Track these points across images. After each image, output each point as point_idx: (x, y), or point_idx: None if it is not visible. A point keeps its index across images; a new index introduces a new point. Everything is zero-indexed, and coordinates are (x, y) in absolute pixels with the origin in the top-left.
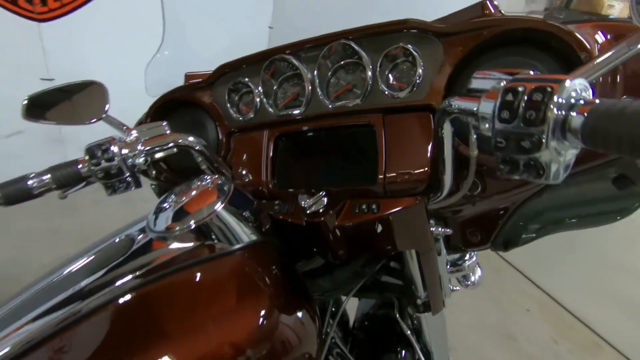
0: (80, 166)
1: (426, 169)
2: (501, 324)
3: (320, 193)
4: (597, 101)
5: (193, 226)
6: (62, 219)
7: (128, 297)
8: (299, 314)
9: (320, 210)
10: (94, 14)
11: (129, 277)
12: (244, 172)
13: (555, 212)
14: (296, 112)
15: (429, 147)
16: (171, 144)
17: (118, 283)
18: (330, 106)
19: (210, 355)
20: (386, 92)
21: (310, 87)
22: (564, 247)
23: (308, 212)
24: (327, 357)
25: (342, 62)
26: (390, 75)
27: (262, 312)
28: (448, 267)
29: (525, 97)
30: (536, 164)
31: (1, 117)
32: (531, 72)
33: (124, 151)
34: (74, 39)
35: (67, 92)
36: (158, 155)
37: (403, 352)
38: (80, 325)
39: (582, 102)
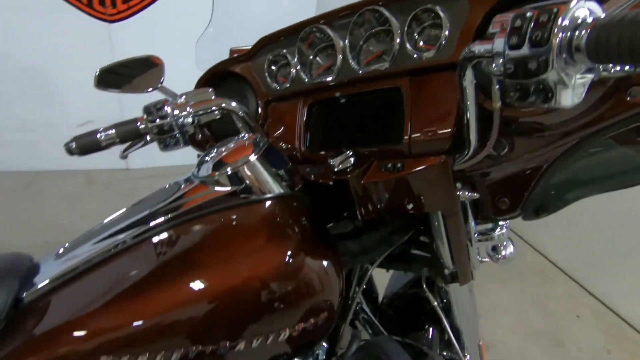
0: (139, 123)
1: (450, 127)
2: (548, 329)
3: (347, 152)
4: (602, 16)
5: (229, 172)
6: None
7: (172, 230)
8: (324, 263)
9: (348, 169)
10: (158, 14)
11: (174, 213)
12: (279, 138)
13: (587, 172)
14: (328, 79)
15: (454, 106)
16: (215, 108)
17: (163, 219)
18: (360, 72)
19: (239, 285)
20: (414, 55)
21: (342, 55)
22: (617, 251)
23: (336, 170)
24: (353, 323)
25: (372, 30)
26: (417, 37)
27: (288, 253)
28: (476, 235)
29: (533, 21)
30: (545, 87)
31: (75, 109)
32: None
33: (175, 111)
34: (139, 38)
35: (131, 65)
36: (204, 117)
37: (431, 329)
38: (132, 252)
39: (587, 20)
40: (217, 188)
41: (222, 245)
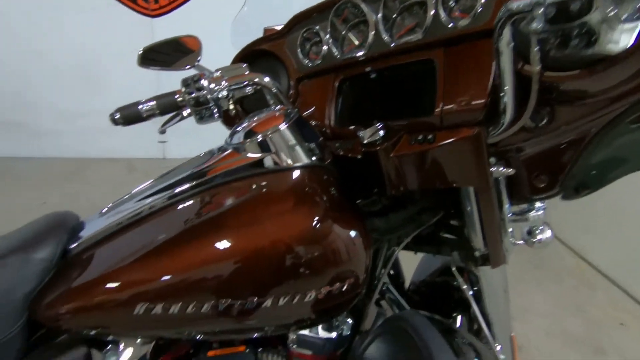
0: (177, 96)
1: (484, 97)
2: (588, 335)
3: (377, 124)
4: None
5: (259, 139)
6: None
7: (205, 193)
8: (352, 234)
9: (377, 142)
10: (198, 8)
11: (207, 177)
12: (309, 115)
13: (634, 145)
14: (360, 54)
15: (489, 75)
16: (249, 82)
17: (197, 182)
18: (392, 45)
19: (267, 245)
20: (449, 24)
21: (374, 29)
22: None
23: (365, 142)
24: (379, 303)
25: (406, 3)
26: (453, 5)
27: (316, 219)
28: (509, 215)
29: None
30: (588, 29)
31: (118, 99)
32: None
33: (212, 85)
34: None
35: (171, 45)
36: (238, 92)
37: (460, 317)
38: (168, 211)
39: None
40: (248, 155)
41: (251, 208)
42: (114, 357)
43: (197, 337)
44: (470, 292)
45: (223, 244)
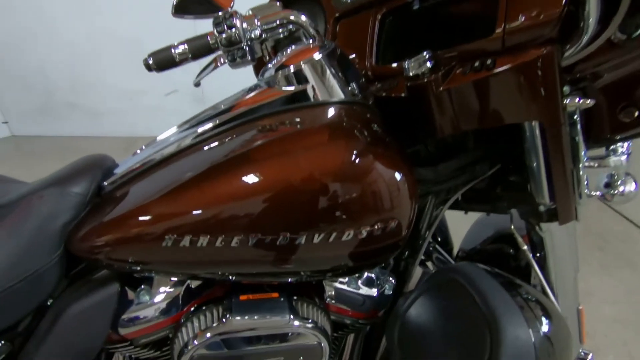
0: (209, 37)
1: (559, 6)
2: None
3: (424, 53)
4: None
5: (293, 70)
6: None
7: (238, 128)
8: (397, 175)
9: (424, 73)
10: None
11: (238, 113)
12: (349, 56)
13: None
14: None
15: None
16: (284, 19)
17: (230, 117)
18: None
19: (301, 179)
20: None
21: None
22: None
23: (410, 74)
24: (424, 263)
25: None
26: None
27: (355, 153)
28: (585, 159)
29: None
30: None
31: (164, 80)
32: None
33: (244, 24)
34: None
35: None
36: (272, 33)
37: None
38: (201, 147)
39: None
40: (282, 88)
41: (284, 142)
42: (147, 296)
43: (229, 278)
44: (535, 259)
45: (253, 178)
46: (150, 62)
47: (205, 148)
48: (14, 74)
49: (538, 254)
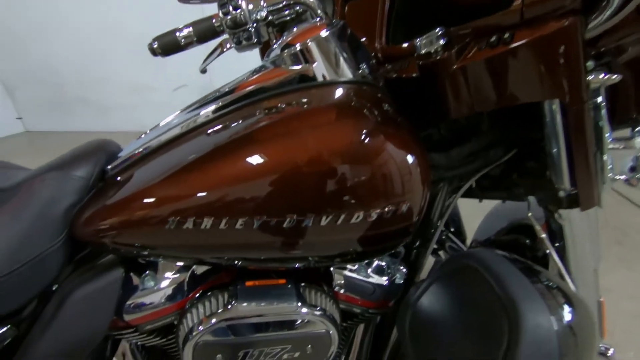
0: (214, 20)
1: None
2: None
3: (436, 30)
4: None
5: (299, 49)
6: None
7: (243, 110)
8: (408, 157)
9: (437, 51)
10: None
11: (243, 94)
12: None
13: None
14: None
15: None
16: (290, 0)
17: (234, 99)
18: None
19: (307, 159)
20: None
21: None
22: None
23: (422, 52)
24: (437, 252)
25: None
26: None
27: (364, 133)
28: (609, 141)
29: None
30: None
31: (173, 75)
32: None
33: (250, 5)
34: None
35: None
36: (277, 15)
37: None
38: (205, 129)
39: None
40: (288, 67)
41: (290, 122)
42: (152, 281)
43: (235, 264)
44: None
45: (257, 158)
46: (155, 46)
47: (209, 130)
48: (26, 71)
49: (557, 244)
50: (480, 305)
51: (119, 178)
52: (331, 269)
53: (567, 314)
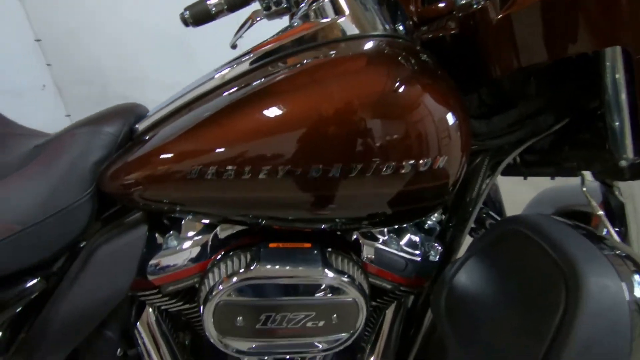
0: None
1: None
2: None
3: None
4: None
5: (327, 1)
6: None
7: (274, 62)
8: (446, 109)
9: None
10: None
11: (273, 49)
12: None
13: None
14: None
15: None
16: None
17: (263, 52)
18: None
19: (333, 107)
20: None
21: None
22: None
23: (462, 2)
24: (476, 232)
25: None
26: None
27: (399, 79)
28: None
29: None
30: None
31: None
32: None
33: None
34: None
35: None
36: None
37: None
38: (232, 84)
39: None
40: (318, 20)
41: (320, 69)
42: (175, 241)
43: (259, 223)
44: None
45: (280, 105)
46: (187, 15)
47: (235, 86)
48: (74, 71)
49: (617, 228)
50: (529, 273)
51: (146, 135)
52: (360, 240)
53: None
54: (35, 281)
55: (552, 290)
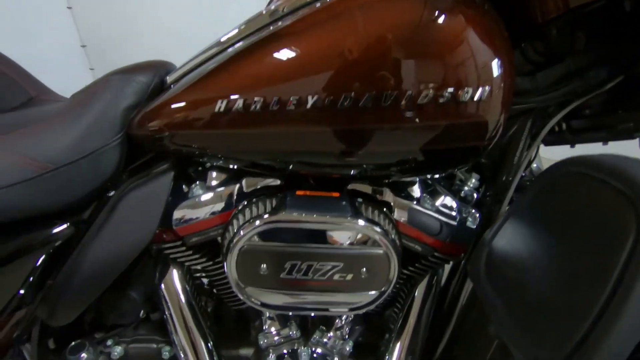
0: None
1: None
2: None
3: None
4: None
5: None
6: None
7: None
8: (489, 46)
9: None
10: None
11: None
12: None
13: None
14: None
15: None
16: None
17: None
18: None
19: (364, 31)
20: None
21: None
22: None
23: None
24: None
25: None
26: None
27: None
28: None
29: None
30: None
31: None
32: None
33: None
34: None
35: None
36: None
37: None
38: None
39: None
40: None
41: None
42: (201, 190)
43: (286, 167)
44: None
45: (313, 33)
46: None
47: (263, 31)
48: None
49: None
50: (586, 212)
51: (175, 84)
52: (392, 198)
53: None
54: (64, 226)
55: (618, 221)
